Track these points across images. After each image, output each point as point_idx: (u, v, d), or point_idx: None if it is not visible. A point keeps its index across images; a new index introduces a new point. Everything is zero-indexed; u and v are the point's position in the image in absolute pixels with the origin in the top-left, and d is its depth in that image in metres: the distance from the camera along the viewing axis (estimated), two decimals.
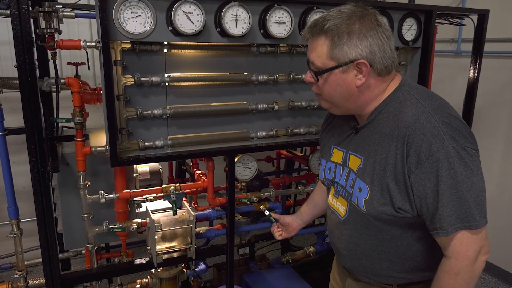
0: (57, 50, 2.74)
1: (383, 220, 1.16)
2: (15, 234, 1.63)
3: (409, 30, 2.01)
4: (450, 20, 2.27)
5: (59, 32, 1.58)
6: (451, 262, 1.06)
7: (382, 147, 1.13)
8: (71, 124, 1.68)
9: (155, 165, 2.12)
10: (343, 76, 1.11)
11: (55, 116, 2.02)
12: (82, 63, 2.24)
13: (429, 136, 1.03)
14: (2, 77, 1.80)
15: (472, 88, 2.27)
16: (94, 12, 2.22)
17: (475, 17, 2.19)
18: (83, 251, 2.09)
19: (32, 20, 1.72)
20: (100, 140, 1.95)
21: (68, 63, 2.26)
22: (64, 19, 1.68)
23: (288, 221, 1.64)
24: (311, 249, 2.65)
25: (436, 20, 2.08)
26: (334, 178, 1.32)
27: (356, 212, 1.22)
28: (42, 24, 1.56)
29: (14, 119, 2.21)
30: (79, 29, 3.03)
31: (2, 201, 3.28)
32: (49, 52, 1.95)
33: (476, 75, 2.24)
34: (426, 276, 1.21)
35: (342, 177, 1.28)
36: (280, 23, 1.72)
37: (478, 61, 2.22)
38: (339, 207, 1.30)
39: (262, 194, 2.06)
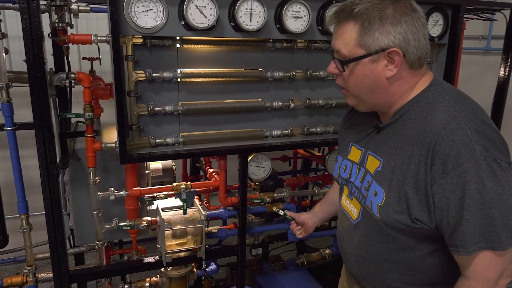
0: (76, 45, 2.74)
1: (396, 229, 1.08)
2: (24, 229, 1.62)
3: (435, 25, 1.89)
4: (480, 15, 2.14)
5: (71, 26, 1.56)
6: (469, 283, 0.98)
7: (404, 150, 1.04)
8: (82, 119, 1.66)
9: (168, 162, 2.09)
10: (372, 66, 1.01)
11: (70, 111, 2.02)
12: (97, 58, 2.23)
13: (459, 144, 0.94)
14: (16, 72, 1.80)
15: (502, 87, 2.14)
16: None
17: (507, 12, 2.05)
18: (96, 246, 2.09)
19: (48, 14, 1.71)
20: (112, 135, 1.93)
21: (83, 58, 2.25)
22: (83, 15, 1.66)
23: (303, 219, 1.59)
24: (327, 251, 2.58)
25: (465, 15, 1.96)
26: (349, 178, 1.24)
27: (369, 217, 1.14)
28: (54, 18, 1.54)
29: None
30: (98, 25, 3.03)
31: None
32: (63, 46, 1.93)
33: (507, 73, 2.10)
34: None
35: (357, 177, 1.19)
36: (297, 17, 1.65)
37: (509, 59, 2.08)
38: (352, 209, 1.22)
39: (275, 195, 2.00)
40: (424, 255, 1.09)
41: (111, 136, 1.92)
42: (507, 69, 2.09)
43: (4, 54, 1.45)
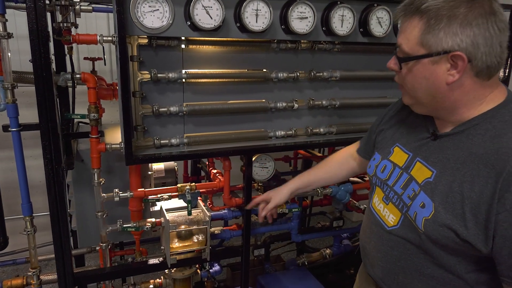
0: (74, 45, 2.71)
1: (439, 245, 1.02)
2: (28, 231, 1.60)
3: None
4: None
5: (76, 26, 1.54)
6: None
7: (468, 168, 0.96)
8: (87, 120, 1.65)
9: (171, 163, 2.07)
10: (432, 68, 0.94)
11: (71, 112, 2.00)
12: (99, 58, 2.21)
13: None
14: (18, 72, 1.78)
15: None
16: (112, 6, 2.20)
17: (507, 13, 2.07)
18: (98, 248, 2.07)
19: (50, 14, 1.69)
20: (115, 136, 1.92)
21: (85, 58, 2.24)
22: (82, 14, 1.65)
23: (272, 195, 1.58)
24: (328, 251, 2.59)
25: None
26: (387, 180, 1.17)
27: (409, 227, 1.08)
28: (59, 18, 1.53)
29: (31, 113, 2.21)
30: (97, 24, 3.01)
31: (18, 195, 3.32)
32: (66, 46, 1.92)
33: (507, 74, 2.12)
34: None
35: (398, 182, 1.13)
36: (302, 18, 1.65)
37: (509, 59, 2.10)
38: (387, 214, 1.15)
39: None
40: (462, 273, 1.03)
41: (113, 137, 1.91)
42: (507, 70, 2.12)
43: (9, 54, 1.43)
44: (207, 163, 2.22)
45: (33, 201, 1.92)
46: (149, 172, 1.92)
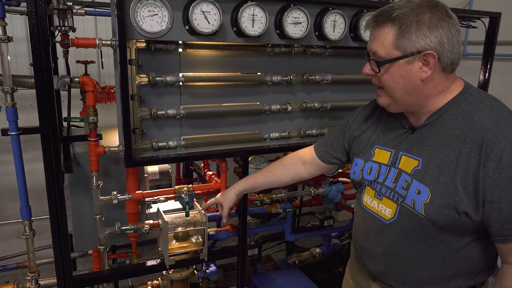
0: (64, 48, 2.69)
1: (439, 224, 1.11)
2: (27, 235, 1.59)
3: None
4: (462, 22, 2.27)
5: (73, 30, 1.55)
6: None
7: (450, 149, 1.09)
8: (82, 123, 1.65)
9: (165, 165, 2.09)
10: (408, 67, 1.07)
11: (62, 115, 1.99)
12: (92, 62, 2.21)
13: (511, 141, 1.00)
14: (13, 75, 1.76)
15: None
16: (101, 10, 2.20)
17: (486, 20, 2.18)
18: (90, 252, 2.07)
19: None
20: (110, 139, 1.92)
21: (77, 61, 2.23)
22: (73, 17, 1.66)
23: (222, 200, 1.65)
24: (317, 250, 2.65)
25: None
26: (376, 179, 1.25)
27: (408, 216, 1.16)
28: (56, 21, 1.53)
29: (23, 117, 2.19)
30: (84, 27, 2.99)
31: (6, 200, 3.25)
32: (62, 50, 1.91)
33: (486, 78, 2.23)
34: (464, 284, 1.20)
35: (388, 178, 1.22)
36: (297, 23, 1.70)
37: (488, 64, 2.21)
38: (382, 209, 1.23)
39: (274, 196, 2.04)
40: (458, 248, 1.15)
41: (108, 140, 1.91)
42: (487, 74, 2.23)
43: (9, 58, 1.42)
44: (202, 165, 2.24)
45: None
46: (145, 175, 1.93)
